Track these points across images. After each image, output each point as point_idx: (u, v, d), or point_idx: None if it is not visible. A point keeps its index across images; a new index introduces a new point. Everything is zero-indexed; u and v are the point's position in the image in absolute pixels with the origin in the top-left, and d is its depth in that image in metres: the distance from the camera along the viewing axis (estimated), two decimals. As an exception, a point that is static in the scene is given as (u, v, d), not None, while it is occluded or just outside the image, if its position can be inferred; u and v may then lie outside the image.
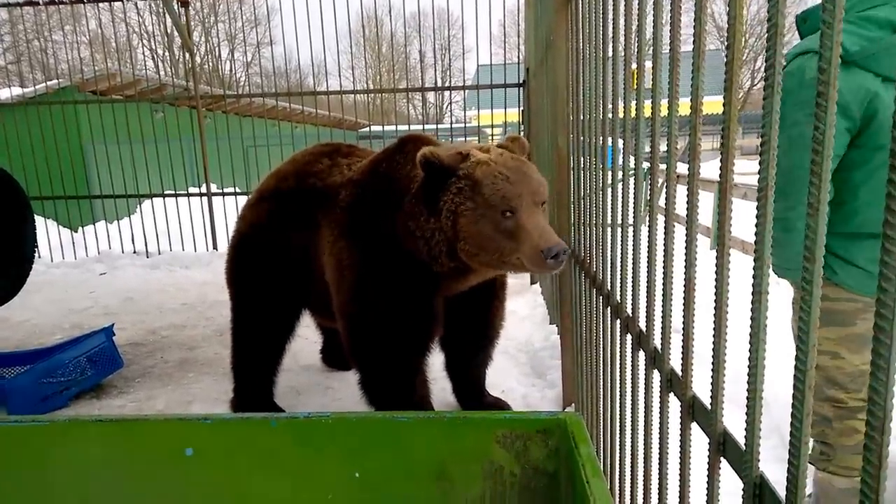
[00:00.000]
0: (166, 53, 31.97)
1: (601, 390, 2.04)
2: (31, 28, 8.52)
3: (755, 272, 0.90)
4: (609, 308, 1.91)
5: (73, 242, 7.78)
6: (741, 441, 0.97)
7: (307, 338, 4.33)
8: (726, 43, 1.02)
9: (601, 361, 2.03)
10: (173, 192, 7.71)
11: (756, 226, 0.89)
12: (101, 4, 6.90)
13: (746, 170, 8.00)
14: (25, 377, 3.18)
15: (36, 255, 4.10)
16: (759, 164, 0.87)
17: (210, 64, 32.44)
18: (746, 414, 0.91)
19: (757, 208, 0.89)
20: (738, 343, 1.21)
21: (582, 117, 2.43)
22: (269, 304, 2.97)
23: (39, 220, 7.44)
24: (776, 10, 0.84)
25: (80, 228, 8.04)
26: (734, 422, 1.07)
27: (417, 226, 2.34)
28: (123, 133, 7.58)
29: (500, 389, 3.34)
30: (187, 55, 7.52)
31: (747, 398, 0.91)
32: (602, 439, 2.05)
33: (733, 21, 0.97)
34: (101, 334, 3.54)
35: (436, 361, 2.89)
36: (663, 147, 1.43)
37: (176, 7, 6.67)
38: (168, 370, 3.83)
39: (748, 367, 0.91)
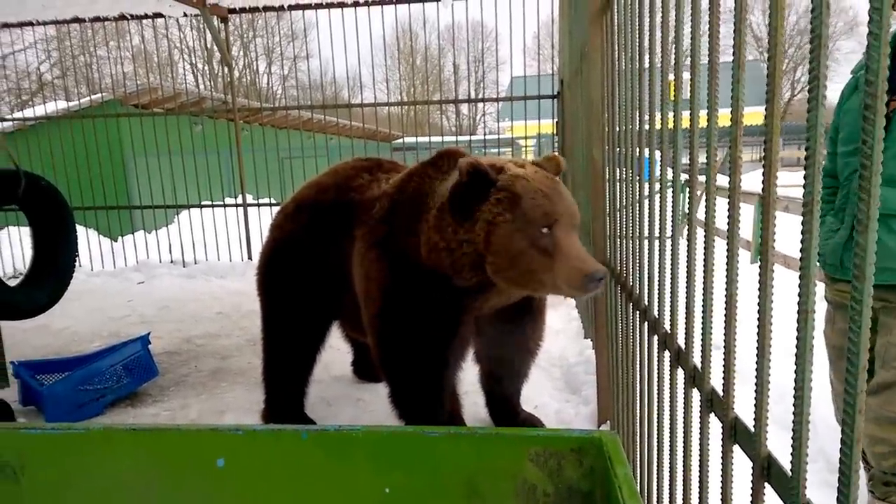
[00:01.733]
0: (206, 68, 32.81)
1: (638, 408, 1.98)
2: (77, 44, 8.81)
3: (801, 288, 0.85)
4: (646, 323, 1.87)
5: (113, 252, 7.97)
6: (787, 465, 0.92)
7: (338, 348, 4.34)
8: (767, 54, 0.98)
9: (638, 378, 1.98)
10: (210, 202, 7.86)
11: (801, 241, 0.85)
12: (143, 21, 7.10)
13: (787, 182, 7.80)
14: (63, 384, 3.24)
15: (77, 264, 4.19)
16: (805, 177, 0.84)
17: (248, 77, 33.13)
18: (793, 437, 0.87)
19: (802, 223, 0.85)
20: (780, 361, 1.16)
21: (617, 129, 2.40)
22: (301, 314, 2.98)
23: (81, 230, 7.66)
24: (819, 21, 0.80)
25: (120, 238, 8.25)
26: (778, 444, 1.02)
27: (443, 237, 2.29)
28: (163, 145, 7.77)
29: (534, 404, 3.29)
30: (226, 69, 7.68)
31: (793, 420, 0.87)
32: (639, 459, 2.00)
33: (774, 31, 0.94)
34: (138, 343, 3.60)
35: (470, 375, 2.86)
36: (702, 158, 1.39)
37: (216, 23, 6.82)
38: (202, 379, 3.88)
39: (794, 387, 0.87)
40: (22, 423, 1.74)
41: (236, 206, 7.61)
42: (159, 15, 6.81)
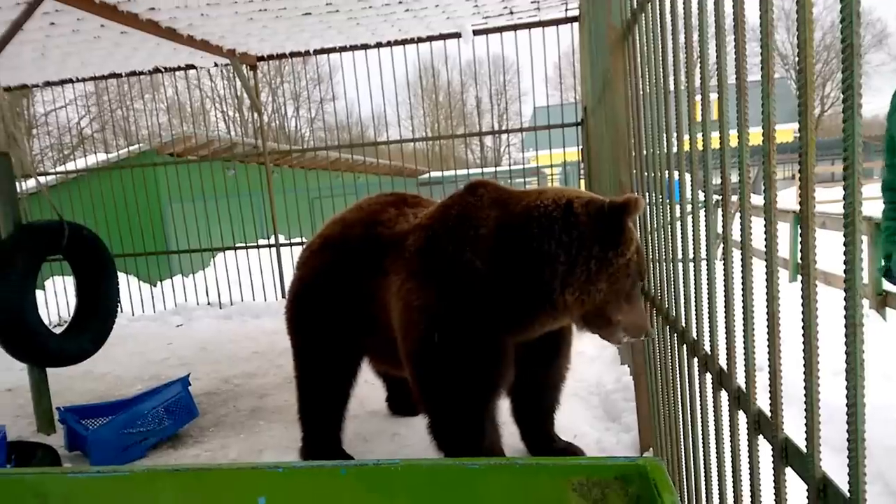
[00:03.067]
0: (236, 114, 33.80)
1: (681, 434, 1.93)
2: (115, 98, 9.17)
3: (847, 303, 0.84)
4: (685, 346, 1.83)
5: (153, 296, 8.15)
6: (844, 488, 0.89)
7: (373, 383, 4.33)
8: (793, 70, 0.98)
9: (679, 403, 1.93)
10: (244, 244, 8.01)
11: (845, 253, 0.84)
12: (176, 72, 7.37)
13: (822, 198, 7.65)
14: (107, 428, 3.30)
15: (118, 309, 4.31)
16: (844, 188, 0.82)
17: (277, 122, 34.01)
18: (849, 458, 0.84)
19: (845, 235, 0.84)
20: (825, 381, 1.13)
21: (644, 152, 2.39)
22: (332, 351, 2.99)
23: (121, 276, 7.86)
24: (850, 30, 0.80)
25: (159, 283, 8.43)
26: (831, 466, 0.99)
27: (565, 249, 2.31)
28: (198, 191, 7.99)
29: (573, 434, 3.22)
30: (256, 115, 7.90)
31: (848, 439, 0.84)
32: (686, 487, 1.94)
33: (804, 43, 0.94)
34: (178, 384, 3.65)
35: (502, 407, 2.83)
36: (733, 178, 1.38)
37: (245, 71, 7.05)
38: (240, 419, 3.90)
39: (846, 406, 0.84)
40: (69, 468, 1.78)
41: (269, 246, 7.74)
42: (191, 66, 7.06)
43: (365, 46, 6.90)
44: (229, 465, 1.64)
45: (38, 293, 8.34)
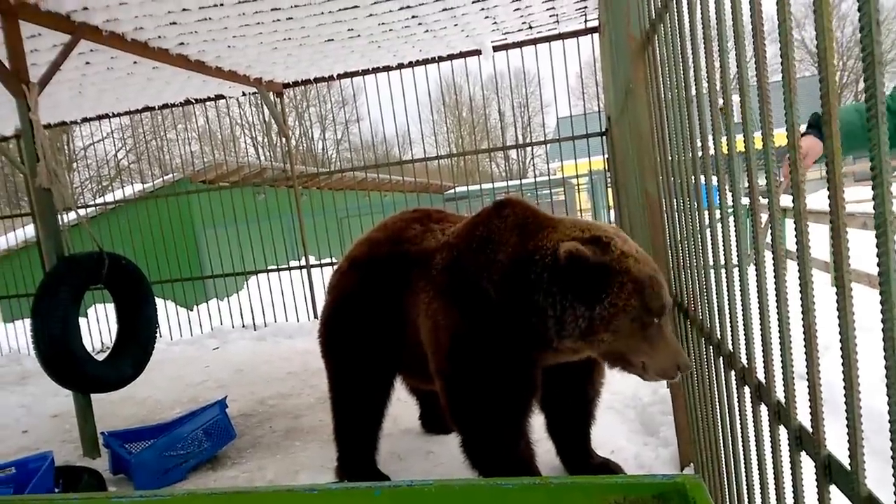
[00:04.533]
0: (265, 140, 34.46)
1: (721, 449, 1.89)
2: (149, 130, 9.44)
3: (885, 314, 0.81)
4: (721, 358, 1.79)
5: (189, 321, 8.31)
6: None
7: (406, 401, 4.33)
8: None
9: (718, 417, 1.89)
10: (276, 266, 8.13)
11: (878, 255, 0.81)
12: (207, 103, 7.56)
13: (862, 197, 7.45)
14: (149, 452, 3.36)
15: (157, 335, 4.40)
16: (873, 188, 0.80)
17: (304, 145, 34.57)
18: (894, 476, 0.81)
19: (877, 235, 0.81)
20: (878, 386, 1.09)
21: (670, 159, 2.37)
22: (365, 371, 3.00)
23: (159, 302, 8.03)
24: (870, 39, 0.79)
25: (195, 307, 8.60)
26: (881, 478, 0.95)
27: (551, 304, 2.25)
28: (230, 216, 8.14)
29: (609, 449, 3.17)
30: (283, 140, 8.04)
31: (893, 456, 0.81)
32: None
33: (824, 52, 0.92)
34: (216, 407, 3.71)
35: (536, 423, 2.80)
36: (761, 181, 1.35)
37: (272, 98, 7.20)
38: (276, 439, 3.93)
39: (889, 423, 0.81)
40: (113, 492, 1.82)
41: (300, 268, 7.84)
42: (221, 96, 7.24)
43: (387, 68, 6.98)
44: (266, 488, 1.65)
45: (82, 321, 8.59)
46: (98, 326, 8.14)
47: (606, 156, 6.84)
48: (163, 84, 6.20)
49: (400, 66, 6.95)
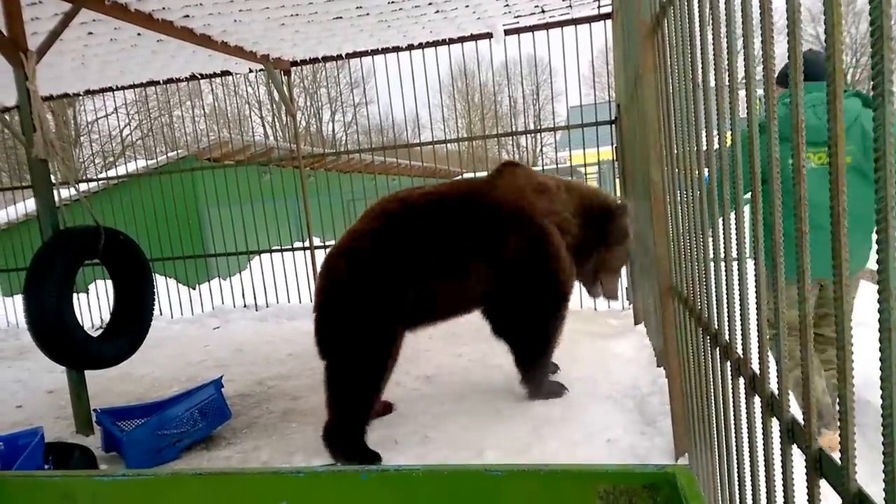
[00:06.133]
0: (275, 120, 34.38)
1: (715, 440, 1.86)
2: (157, 106, 9.40)
3: (881, 304, 0.77)
4: (717, 349, 1.76)
5: (191, 299, 8.32)
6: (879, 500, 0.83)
7: (402, 384, 4.33)
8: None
9: (713, 408, 1.86)
10: (279, 247, 8.12)
11: (878, 252, 0.77)
12: (216, 79, 7.50)
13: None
14: (141, 430, 3.36)
15: (155, 313, 4.39)
16: (876, 181, 0.76)
17: (315, 126, 34.46)
18: (884, 473, 0.77)
19: (878, 232, 0.78)
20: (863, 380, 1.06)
21: (675, 150, 2.32)
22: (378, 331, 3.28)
23: (161, 280, 8.04)
24: (880, 11, 0.74)
25: (197, 286, 8.60)
26: (869, 475, 0.92)
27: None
28: (235, 195, 8.12)
29: (606, 437, 3.16)
30: (290, 119, 7.99)
31: (884, 454, 0.77)
32: (720, 496, 1.86)
33: (831, 49, 0.88)
34: (211, 387, 3.69)
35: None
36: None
37: (279, 76, 7.14)
38: (272, 420, 3.93)
39: (882, 417, 0.78)
40: (96, 471, 1.82)
41: (304, 249, 7.81)
42: (227, 73, 7.18)
43: (397, 49, 6.90)
44: (252, 470, 1.64)
45: (82, 297, 8.62)
46: (98, 303, 8.16)
47: (615, 145, 6.77)
48: (168, 58, 6.14)
49: (410, 48, 6.86)
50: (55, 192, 3.79)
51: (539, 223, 3.58)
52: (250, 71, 7.22)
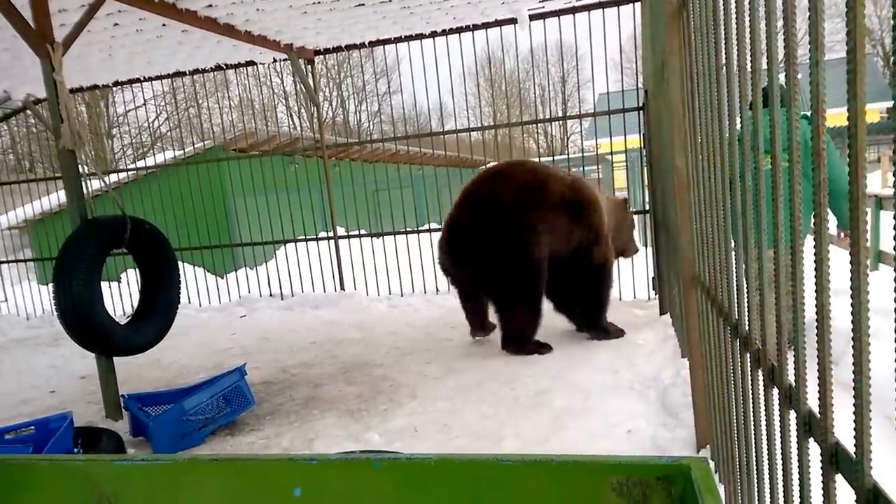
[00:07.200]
0: (302, 110, 34.62)
1: (734, 432, 1.82)
2: (186, 97, 9.51)
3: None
4: (738, 340, 1.72)
5: (218, 288, 8.44)
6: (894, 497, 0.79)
7: (424, 374, 4.34)
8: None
9: (733, 399, 1.82)
10: (304, 237, 8.18)
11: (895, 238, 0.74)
12: (244, 70, 7.55)
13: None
14: (167, 416, 3.41)
15: (181, 301, 4.45)
16: (894, 173, 0.72)
17: (342, 116, 34.61)
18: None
19: (895, 217, 0.74)
20: (882, 372, 1.02)
21: (699, 135, 2.26)
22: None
23: (189, 269, 8.17)
24: None
25: (224, 275, 8.71)
26: (886, 469, 0.88)
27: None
28: (261, 185, 8.19)
29: (627, 428, 3.12)
30: (314, 108, 8.02)
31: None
32: (739, 487, 1.83)
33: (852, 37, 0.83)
34: (236, 374, 3.74)
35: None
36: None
37: (303, 65, 7.16)
38: (295, 408, 3.97)
39: (897, 409, 0.74)
40: (118, 455, 1.86)
41: (328, 238, 7.86)
42: (251, 63, 7.22)
43: (420, 36, 6.85)
44: (267, 456, 1.66)
45: (113, 285, 8.81)
46: (129, 291, 8.33)
47: (643, 132, 6.65)
48: (193, 48, 6.20)
49: (433, 35, 6.81)
50: (83, 182, 3.85)
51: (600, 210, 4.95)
52: (274, 60, 7.25)
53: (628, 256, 5.78)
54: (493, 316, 4.88)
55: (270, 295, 8.06)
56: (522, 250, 4.46)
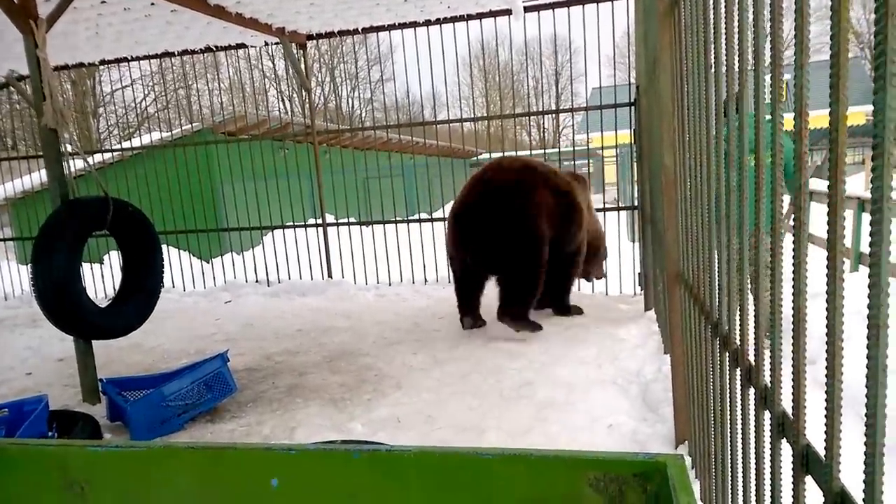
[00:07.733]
0: (294, 95, 34.34)
1: (712, 429, 1.84)
2: (176, 78, 9.39)
3: (871, 300, 0.74)
4: (718, 339, 1.73)
5: (203, 273, 8.37)
6: (860, 501, 0.80)
7: (409, 366, 4.34)
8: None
9: (711, 397, 1.83)
10: (292, 223, 8.13)
11: (871, 244, 0.74)
12: (235, 52, 7.47)
13: None
14: (146, 401, 3.38)
15: (163, 285, 4.40)
16: (872, 170, 0.73)
17: (334, 102, 34.37)
18: (864, 472, 0.75)
19: (871, 223, 0.74)
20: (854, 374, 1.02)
21: (687, 136, 2.26)
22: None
23: (175, 253, 8.09)
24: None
25: (211, 260, 8.65)
26: (854, 472, 0.89)
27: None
28: (249, 169, 8.12)
29: (608, 423, 3.14)
30: (305, 94, 7.95)
31: (865, 452, 0.75)
32: (714, 484, 1.84)
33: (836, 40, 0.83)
34: (218, 360, 3.71)
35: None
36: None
37: (294, 50, 7.08)
38: (278, 395, 3.96)
39: (866, 416, 0.75)
40: (91, 441, 1.84)
41: (316, 226, 7.82)
42: (242, 45, 7.14)
43: (414, 24, 6.80)
44: (244, 446, 1.64)
45: (96, 267, 8.72)
46: (112, 273, 8.25)
47: (633, 127, 6.66)
48: (182, 29, 6.11)
49: (427, 23, 6.76)
50: (66, 162, 3.79)
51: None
52: (266, 44, 7.17)
53: (591, 279, 6.20)
54: (487, 310, 4.99)
55: (257, 281, 8.01)
56: (529, 226, 4.77)
